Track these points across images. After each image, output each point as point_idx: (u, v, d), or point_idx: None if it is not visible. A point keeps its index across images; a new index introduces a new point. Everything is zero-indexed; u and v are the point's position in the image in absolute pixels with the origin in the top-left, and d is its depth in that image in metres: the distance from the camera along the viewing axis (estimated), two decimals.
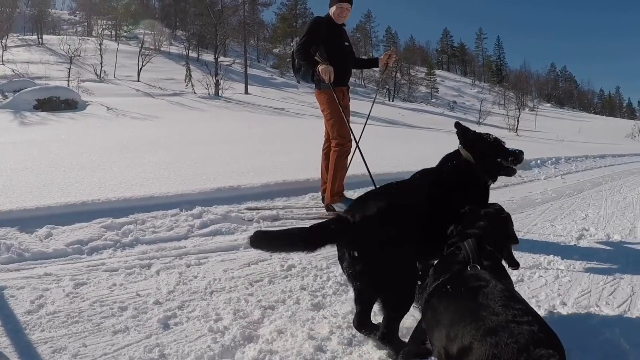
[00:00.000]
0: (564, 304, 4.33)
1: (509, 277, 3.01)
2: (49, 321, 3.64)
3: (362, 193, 4.27)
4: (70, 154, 10.47)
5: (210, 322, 3.74)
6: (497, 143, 4.39)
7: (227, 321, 3.77)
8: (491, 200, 4.13)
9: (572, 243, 6.40)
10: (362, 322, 3.61)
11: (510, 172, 4.48)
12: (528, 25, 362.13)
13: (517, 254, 4.83)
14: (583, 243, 6.45)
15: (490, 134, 4.47)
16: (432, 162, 4.41)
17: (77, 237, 5.32)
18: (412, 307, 3.53)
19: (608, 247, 6.30)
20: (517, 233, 3.52)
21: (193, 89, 49.72)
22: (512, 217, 3.58)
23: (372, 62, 8.17)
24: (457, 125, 4.47)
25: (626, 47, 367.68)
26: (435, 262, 3.28)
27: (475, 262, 2.87)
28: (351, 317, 3.88)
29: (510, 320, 2.23)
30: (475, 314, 2.37)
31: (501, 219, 3.41)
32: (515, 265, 3.39)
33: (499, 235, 3.31)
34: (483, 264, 2.87)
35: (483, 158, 4.25)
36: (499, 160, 4.33)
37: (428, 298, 2.88)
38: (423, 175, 4.27)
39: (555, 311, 4.16)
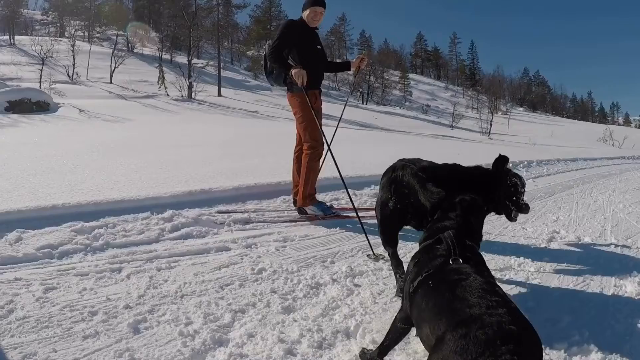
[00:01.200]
0: (534, 306, 4.36)
1: (489, 271, 3.02)
2: (18, 326, 3.61)
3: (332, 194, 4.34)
4: (41, 157, 10.41)
5: (180, 326, 3.72)
6: (515, 189, 4.88)
7: (197, 325, 3.76)
8: None
9: (543, 245, 6.45)
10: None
11: (510, 217, 5.17)
12: (501, 33, 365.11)
13: (487, 257, 4.89)
14: (554, 245, 6.50)
15: (519, 177, 5.16)
16: None
17: (47, 241, 5.26)
18: None
19: (578, 250, 6.35)
20: (488, 235, 3.60)
21: (166, 91, 49.66)
22: (484, 219, 3.65)
23: (344, 66, 8.18)
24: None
25: (598, 53, 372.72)
26: (416, 253, 3.28)
27: (457, 255, 2.88)
28: (321, 320, 3.90)
29: (483, 312, 2.25)
30: (451, 306, 2.41)
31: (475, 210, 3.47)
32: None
33: (475, 227, 3.37)
34: (465, 257, 2.88)
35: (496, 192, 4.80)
36: (507, 202, 4.86)
37: (412, 294, 2.88)
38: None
39: (525, 313, 4.19)
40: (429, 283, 2.77)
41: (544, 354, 3.46)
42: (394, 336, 3.19)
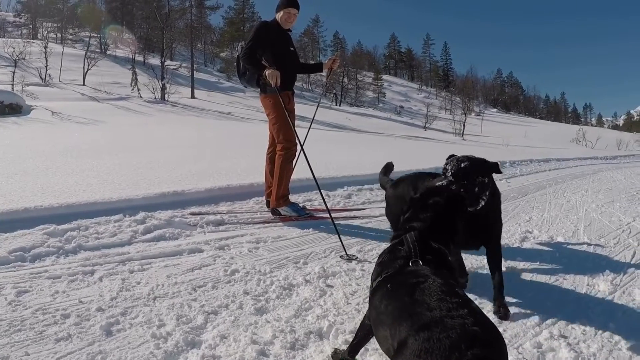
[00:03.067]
0: (507, 305, 4.38)
1: (455, 273, 3.02)
2: None
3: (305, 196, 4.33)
4: (13, 160, 10.33)
5: (153, 328, 3.71)
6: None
7: (170, 327, 3.74)
8: None
9: (516, 245, 6.50)
10: None
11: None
12: (475, 34, 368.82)
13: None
14: (526, 245, 6.55)
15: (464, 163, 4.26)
16: (378, 166, 4.52)
17: (19, 244, 5.21)
18: None
19: (551, 249, 6.40)
20: None
21: (139, 93, 49.38)
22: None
23: (317, 67, 8.21)
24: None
25: (571, 55, 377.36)
26: (382, 253, 3.27)
27: (417, 257, 2.87)
28: (294, 321, 3.91)
29: (444, 315, 2.23)
30: (411, 310, 2.38)
31: (449, 211, 3.41)
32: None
33: (445, 229, 3.31)
34: (426, 259, 2.87)
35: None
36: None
37: (372, 294, 2.88)
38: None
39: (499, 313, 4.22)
40: (387, 286, 2.75)
41: (517, 354, 3.52)
42: (363, 333, 3.19)
